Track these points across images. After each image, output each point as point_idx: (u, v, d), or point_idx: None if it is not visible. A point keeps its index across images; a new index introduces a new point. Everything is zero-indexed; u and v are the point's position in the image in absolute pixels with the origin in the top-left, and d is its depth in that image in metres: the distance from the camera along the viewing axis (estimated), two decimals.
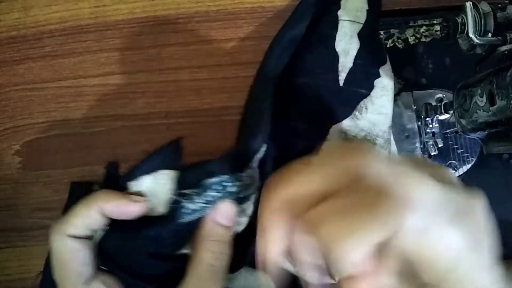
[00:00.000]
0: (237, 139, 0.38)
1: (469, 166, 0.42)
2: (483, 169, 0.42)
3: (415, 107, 0.42)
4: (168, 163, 0.31)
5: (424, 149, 0.42)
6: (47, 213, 0.41)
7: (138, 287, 0.30)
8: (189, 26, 0.42)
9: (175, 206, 0.30)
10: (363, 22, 0.37)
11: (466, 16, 0.31)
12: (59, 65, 0.42)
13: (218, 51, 0.42)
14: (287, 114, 0.37)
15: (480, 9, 0.31)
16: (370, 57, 0.37)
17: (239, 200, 0.32)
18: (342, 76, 0.37)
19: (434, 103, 0.42)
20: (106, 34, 0.42)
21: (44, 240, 0.41)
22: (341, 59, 0.37)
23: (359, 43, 0.37)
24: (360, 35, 0.37)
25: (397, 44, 0.43)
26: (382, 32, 0.43)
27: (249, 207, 0.33)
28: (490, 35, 0.31)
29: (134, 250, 0.29)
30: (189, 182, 0.30)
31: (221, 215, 0.31)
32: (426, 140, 0.42)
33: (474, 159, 0.42)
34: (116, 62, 0.42)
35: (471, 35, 0.31)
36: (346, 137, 0.37)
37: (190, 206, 0.30)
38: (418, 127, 0.42)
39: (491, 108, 0.31)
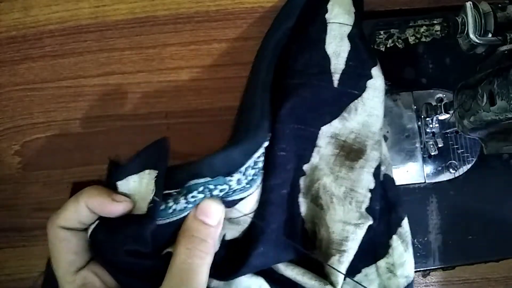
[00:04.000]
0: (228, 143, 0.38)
1: (469, 166, 0.42)
2: (483, 169, 0.42)
3: (415, 107, 0.42)
4: (153, 163, 0.31)
5: (424, 149, 0.42)
6: (47, 213, 0.41)
7: (121, 282, 0.30)
8: (189, 26, 0.42)
9: (152, 206, 0.30)
10: (351, 24, 0.37)
11: (466, 16, 0.31)
12: (59, 65, 0.42)
13: (218, 51, 0.42)
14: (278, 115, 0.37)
15: (480, 9, 0.31)
16: (361, 59, 0.37)
17: (226, 203, 0.32)
18: (335, 77, 0.36)
19: (434, 103, 0.42)
20: (106, 34, 0.42)
21: (44, 240, 0.40)
22: (332, 61, 0.37)
23: (349, 45, 0.37)
24: (350, 37, 0.37)
25: (397, 44, 0.43)
26: (382, 32, 0.43)
27: (242, 210, 0.33)
28: (490, 35, 0.31)
29: (113, 246, 0.30)
30: (174, 182, 0.30)
31: (201, 212, 0.30)
32: (426, 140, 0.42)
33: (474, 159, 0.42)
34: (116, 62, 0.42)
35: (471, 35, 0.31)
36: (336, 140, 0.37)
37: (174, 206, 0.30)
38: (418, 127, 0.42)
39: (491, 108, 0.31)
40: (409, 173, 0.42)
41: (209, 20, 0.42)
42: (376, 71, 0.37)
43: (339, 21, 0.37)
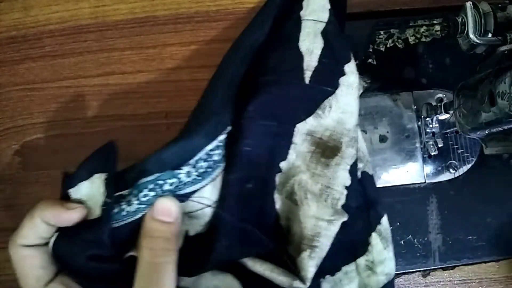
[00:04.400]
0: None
1: (469, 166, 0.42)
2: (483, 169, 0.42)
3: (415, 107, 0.42)
4: (102, 166, 0.31)
5: (424, 149, 0.42)
6: None
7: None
8: (189, 26, 0.42)
9: (105, 209, 0.30)
10: (326, 21, 0.37)
11: (466, 16, 0.31)
12: (59, 65, 0.42)
13: (218, 51, 0.42)
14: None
15: (480, 9, 0.31)
16: (335, 56, 0.37)
17: (179, 197, 0.32)
18: (307, 75, 0.36)
19: (434, 103, 0.42)
20: (106, 34, 0.42)
21: None
22: (305, 59, 0.36)
23: (323, 42, 0.37)
24: (324, 33, 0.37)
25: (397, 44, 0.43)
26: (382, 32, 0.43)
27: (198, 202, 0.33)
28: (490, 35, 0.31)
29: (74, 253, 0.30)
30: (124, 183, 0.31)
31: (158, 211, 0.30)
32: (426, 140, 0.42)
33: (474, 159, 0.42)
34: (116, 62, 0.42)
35: (471, 35, 0.31)
36: (312, 137, 0.36)
37: (127, 208, 0.30)
38: (418, 127, 0.42)
39: (491, 108, 0.31)
40: (409, 173, 0.42)
41: (209, 20, 0.42)
42: (349, 68, 0.37)
43: (313, 18, 0.37)
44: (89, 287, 0.31)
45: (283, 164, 0.36)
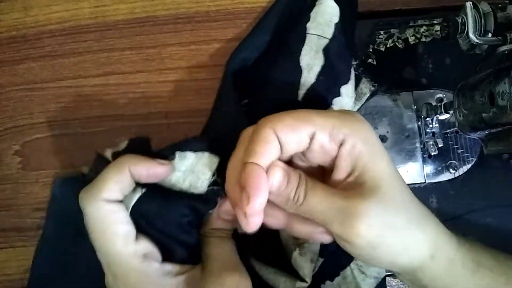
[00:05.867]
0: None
1: (469, 166, 0.42)
2: (483, 169, 0.42)
3: (415, 107, 0.42)
4: (208, 149, 0.32)
5: (424, 149, 0.42)
6: None
7: (171, 251, 0.30)
8: (189, 26, 0.42)
9: (215, 190, 0.31)
10: (329, 37, 0.36)
11: (466, 16, 0.31)
12: (59, 65, 0.42)
13: (218, 51, 0.42)
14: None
15: (480, 9, 0.31)
16: (333, 75, 0.36)
17: None
18: (302, 91, 0.36)
19: (434, 103, 0.42)
20: (106, 34, 0.42)
21: None
22: (304, 74, 0.36)
23: (323, 59, 0.36)
24: (325, 51, 0.36)
25: (397, 44, 0.43)
26: (382, 32, 0.43)
27: None
28: (490, 35, 0.31)
29: (166, 215, 0.30)
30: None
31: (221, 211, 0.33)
32: (426, 140, 0.42)
33: (474, 159, 0.42)
34: (116, 62, 0.42)
35: (471, 35, 0.31)
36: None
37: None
38: (418, 127, 0.42)
39: (491, 108, 0.31)
40: (409, 173, 0.42)
41: (209, 20, 0.42)
42: (346, 90, 0.37)
43: (317, 33, 0.37)
44: (170, 248, 0.30)
45: None
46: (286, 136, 0.27)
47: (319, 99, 0.36)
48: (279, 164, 0.28)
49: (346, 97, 0.37)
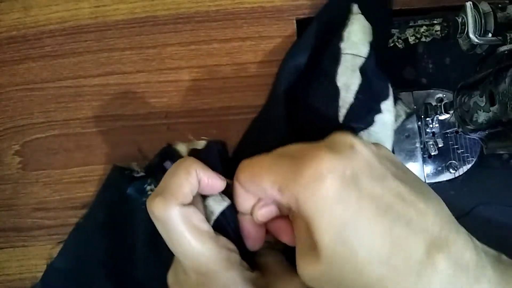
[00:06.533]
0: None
1: (469, 166, 0.42)
2: (483, 169, 0.42)
3: (415, 107, 0.42)
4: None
5: (424, 149, 0.42)
6: (47, 213, 0.41)
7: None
8: (189, 26, 0.42)
9: None
10: (365, 56, 0.36)
11: (466, 16, 0.31)
12: (59, 65, 0.42)
13: (218, 51, 0.42)
14: None
15: (480, 9, 0.31)
16: (371, 92, 0.36)
17: None
18: (342, 112, 0.35)
19: (434, 103, 0.42)
20: (106, 34, 0.42)
21: (44, 240, 0.41)
22: (342, 94, 0.36)
23: (360, 78, 0.36)
24: (362, 69, 0.36)
25: (397, 44, 0.43)
26: None
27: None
28: (490, 35, 0.31)
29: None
30: None
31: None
32: (426, 140, 0.42)
33: (474, 159, 0.42)
34: (116, 62, 0.42)
35: (471, 35, 0.31)
36: None
37: None
38: (418, 127, 0.42)
39: (491, 108, 0.31)
40: None
41: (209, 20, 0.42)
42: (386, 105, 0.36)
43: (352, 52, 0.36)
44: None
45: None
46: (249, 188, 0.28)
47: (360, 118, 0.36)
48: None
49: (387, 112, 0.36)
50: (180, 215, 0.27)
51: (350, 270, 0.23)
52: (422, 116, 0.42)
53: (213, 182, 0.29)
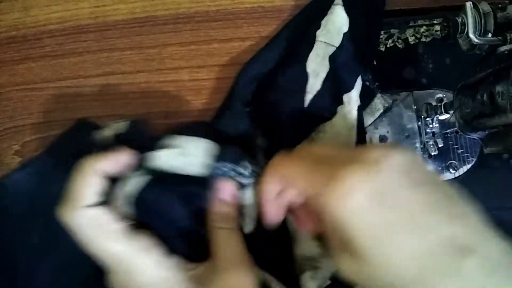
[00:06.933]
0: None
1: (469, 166, 0.42)
2: (483, 169, 0.42)
3: (415, 107, 0.42)
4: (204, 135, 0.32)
5: (424, 149, 0.42)
6: None
7: (171, 241, 0.30)
8: (189, 26, 0.42)
9: (217, 172, 0.31)
10: (337, 45, 0.37)
11: (466, 16, 0.31)
12: (59, 65, 0.42)
13: (218, 51, 0.42)
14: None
15: (480, 9, 0.31)
16: (337, 82, 0.37)
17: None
18: (308, 97, 0.36)
19: (434, 103, 0.42)
20: (106, 34, 0.42)
21: None
22: (310, 80, 0.36)
23: (329, 66, 0.37)
24: (332, 58, 0.37)
25: (397, 44, 0.43)
26: (382, 32, 0.43)
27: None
28: (490, 35, 0.31)
29: (170, 203, 0.30)
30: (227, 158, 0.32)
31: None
32: (426, 140, 0.42)
33: (474, 159, 0.42)
34: (116, 62, 0.42)
35: (471, 35, 0.31)
36: None
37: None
38: (418, 127, 0.42)
39: (491, 108, 0.31)
40: None
41: (209, 20, 0.42)
42: (347, 97, 0.37)
43: (326, 40, 0.37)
44: (170, 237, 0.30)
45: None
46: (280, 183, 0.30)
47: (325, 106, 0.36)
48: None
49: (348, 105, 0.37)
50: (86, 218, 0.28)
51: (384, 273, 0.25)
52: (422, 116, 0.42)
53: (117, 160, 0.29)
